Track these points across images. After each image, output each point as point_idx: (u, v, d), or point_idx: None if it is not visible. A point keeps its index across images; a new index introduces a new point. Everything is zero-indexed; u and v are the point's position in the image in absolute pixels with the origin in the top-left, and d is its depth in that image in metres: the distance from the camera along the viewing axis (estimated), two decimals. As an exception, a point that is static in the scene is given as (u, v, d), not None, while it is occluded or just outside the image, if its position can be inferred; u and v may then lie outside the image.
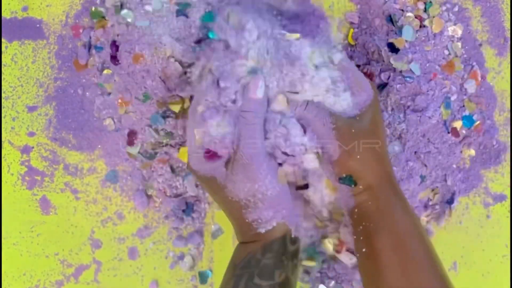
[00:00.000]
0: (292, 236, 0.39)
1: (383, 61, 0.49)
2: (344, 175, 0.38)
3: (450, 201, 0.52)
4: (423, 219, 0.52)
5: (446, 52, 0.51)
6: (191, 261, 0.51)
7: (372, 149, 0.39)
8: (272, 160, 0.39)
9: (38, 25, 0.52)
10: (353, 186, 0.38)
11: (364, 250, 0.38)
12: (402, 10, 0.50)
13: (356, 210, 0.39)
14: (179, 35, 0.47)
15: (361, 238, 0.39)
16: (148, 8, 0.47)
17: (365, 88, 0.39)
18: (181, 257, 0.51)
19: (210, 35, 0.43)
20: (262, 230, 0.38)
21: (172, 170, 0.50)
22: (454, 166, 0.52)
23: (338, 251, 0.48)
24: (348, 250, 0.49)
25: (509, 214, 0.53)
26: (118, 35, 0.49)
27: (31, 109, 0.52)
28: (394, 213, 0.38)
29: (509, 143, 0.53)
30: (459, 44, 0.51)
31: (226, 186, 0.38)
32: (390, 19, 0.49)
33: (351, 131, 0.38)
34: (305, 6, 0.44)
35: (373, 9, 0.50)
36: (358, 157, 0.38)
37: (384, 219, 0.38)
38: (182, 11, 0.47)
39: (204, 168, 0.39)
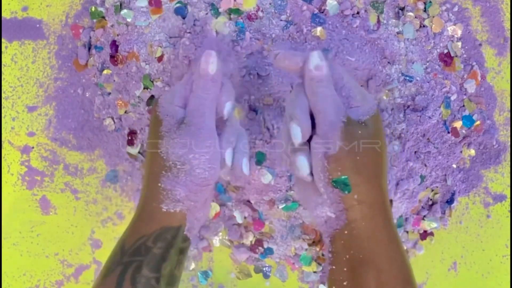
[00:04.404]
0: (185, 233, 0.37)
1: None
2: (339, 176, 0.35)
3: (450, 201, 0.52)
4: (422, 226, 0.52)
5: (446, 51, 0.51)
6: (191, 261, 0.51)
7: (372, 159, 0.36)
8: (217, 145, 0.37)
9: (38, 25, 0.52)
10: (346, 192, 0.34)
11: (345, 283, 0.35)
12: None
13: (345, 232, 0.35)
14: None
15: (345, 269, 0.35)
16: (142, 4, 0.48)
17: (368, 99, 0.38)
18: (181, 257, 0.51)
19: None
20: (164, 207, 0.36)
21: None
22: (454, 166, 0.52)
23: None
24: None
25: (509, 214, 0.53)
26: (118, 35, 0.49)
27: (31, 109, 0.52)
28: (387, 246, 0.35)
29: (509, 143, 0.53)
30: (459, 44, 0.52)
31: (163, 138, 0.36)
32: None
33: (357, 131, 0.35)
34: None
35: None
36: (358, 158, 0.35)
37: (376, 250, 0.35)
38: (181, 10, 0.47)
39: (166, 109, 0.38)
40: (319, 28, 0.47)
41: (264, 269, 0.51)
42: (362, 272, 0.34)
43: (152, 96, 0.49)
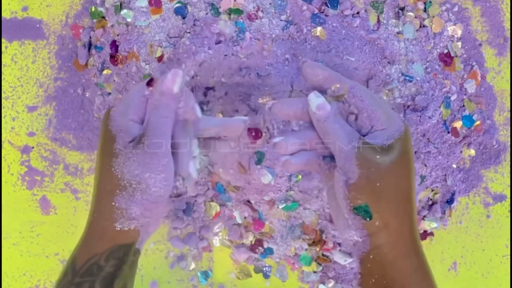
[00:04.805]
0: (137, 247, 0.37)
1: None
2: (359, 203, 0.34)
3: (450, 201, 0.52)
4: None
5: (446, 51, 0.51)
6: (191, 261, 0.51)
7: (395, 184, 0.35)
8: (172, 162, 0.37)
9: (38, 25, 0.52)
10: (368, 219, 0.34)
11: None
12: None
13: (371, 256, 0.35)
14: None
15: None
16: (142, 4, 0.48)
17: (394, 121, 0.37)
18: (181, 257, 0.51)
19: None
20: (118, 226, 0.36)
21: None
22: (454, 166, 0.52)
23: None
24: (341, 250, 0.50)
25: (509, 214, 0.53)
26: (118, 35, 0.49)
27: (31, 109, 0.52)
28: (411, 274, 0.35)
29: (509, 143, 0.53)
30: (459, 44, 0.52)
31: (118, 156, 0.36)
32: None
33: (375, 157, 0.35)
34: None
35: None
36: (378, 184, 0.34)
37: (398, 278, 0.35)
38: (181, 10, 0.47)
39: (120, 124, 0.37)
40: (319, 28, 0.47)
41: (264, 269, 0.51)
42: None
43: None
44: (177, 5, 0.47)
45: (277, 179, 0.47)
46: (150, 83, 0.38)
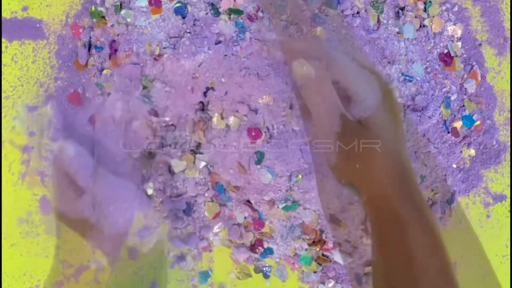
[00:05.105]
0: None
1: None
2: (343, 183, 0.36)
3: (450, 201, 0.52)
4: None
5: (446, 51, 0.51)
6: (191, 261, 0.51)
7: (376, 159, 0.35)
8: (132, 187, 0.40)
9: (38, 25, 0.52)
10: (356, 193, 0.36)
11: (375, 259, 0.37)
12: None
13: (367, 222, 0.38)
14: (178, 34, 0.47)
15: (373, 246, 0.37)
16: (142, 4, 0.48)
17: (370, 91, 0.36)
18: (181, 257, 0.51)
19: None
20: (93, 264, 0.39)
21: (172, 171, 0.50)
22: (454, 166, 0.52)
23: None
24: (341, 250, 0.50)
25: (509, 214, 0.53)
26: (117, 35, 0.49)
27: (31, 109, 0.52)
28: (406, 229, 0.35)
29: (509, 143, 0.53)
30: (459, 43, 0.52)
31: (85, 193, 0.38)
32: None
33: (354, 137, 0.35)
34: None
35: None
36: (357, 165, 0.35)
37: (394, 233, 0.36)
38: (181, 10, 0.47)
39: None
40: (319, 28, 0.47)
41: (264, 269, 0.51)
42: (386, 251, 0.36)
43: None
44: (177, 5, 0.47)
45: (277, 179, 0.47)
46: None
